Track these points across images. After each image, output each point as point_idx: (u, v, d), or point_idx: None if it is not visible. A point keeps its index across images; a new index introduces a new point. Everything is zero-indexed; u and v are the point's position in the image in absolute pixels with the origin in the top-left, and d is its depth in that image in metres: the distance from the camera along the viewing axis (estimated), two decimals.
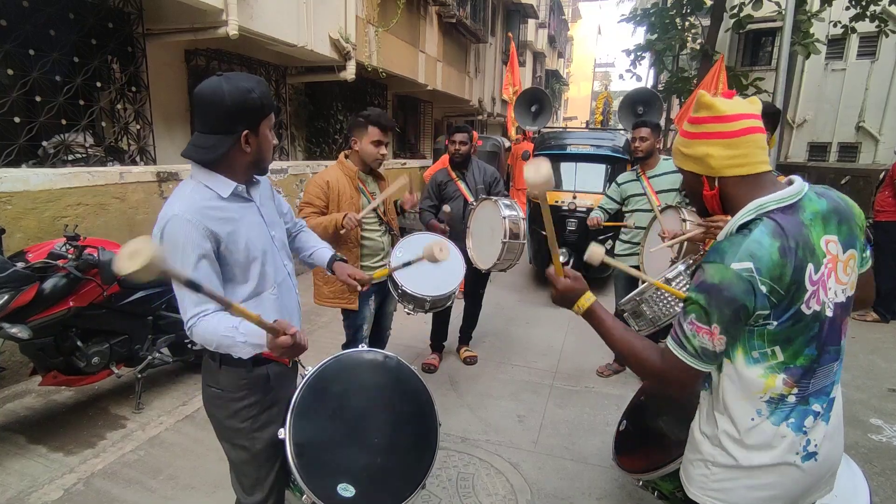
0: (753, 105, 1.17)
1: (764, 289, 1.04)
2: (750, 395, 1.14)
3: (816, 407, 1.16)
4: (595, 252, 1.55)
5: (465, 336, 4.17)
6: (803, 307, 1.08)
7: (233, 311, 1.20)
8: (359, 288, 1.96)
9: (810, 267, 1.08)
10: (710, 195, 1.21)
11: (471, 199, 3.65)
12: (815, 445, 1.17)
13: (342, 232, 2.56)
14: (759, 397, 1.14)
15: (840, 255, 1.14)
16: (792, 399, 1.14)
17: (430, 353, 4.07)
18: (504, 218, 3.12)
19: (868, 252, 1.26)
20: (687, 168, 1.23)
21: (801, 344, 1.11)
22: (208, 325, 1.36)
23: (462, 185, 3.71)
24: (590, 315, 1.28)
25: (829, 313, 1.12)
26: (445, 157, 3.92)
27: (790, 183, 1.16)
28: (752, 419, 1.15)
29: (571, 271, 1.32)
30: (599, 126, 16.57)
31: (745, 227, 1.11)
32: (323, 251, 1.92)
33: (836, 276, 1.13)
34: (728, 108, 1.14)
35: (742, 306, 1.05)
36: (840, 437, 1.24)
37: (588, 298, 1.28)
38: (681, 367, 1.12)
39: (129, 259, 0.95)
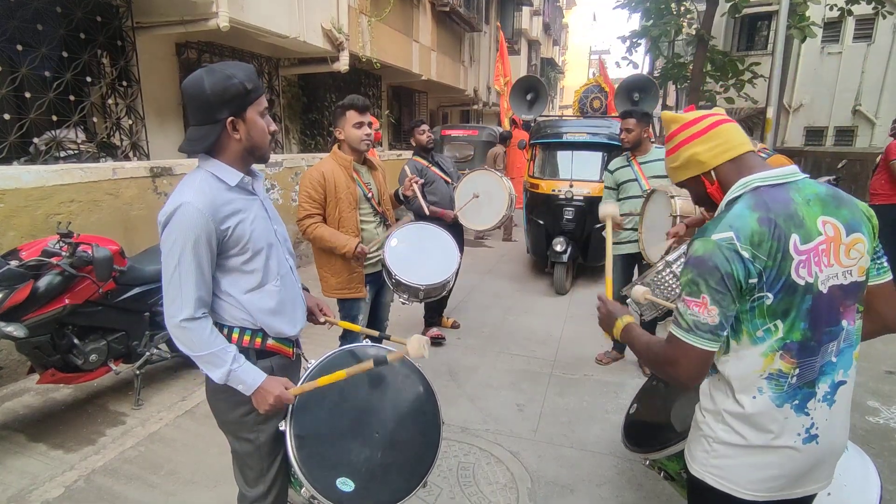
0: (711, 112, 1.33)
1: (746, 254, 1.10)
2: (750, 374, 1.17)
3: (820, 389, 1.18)
4: (637, 291, 1.89)
5: (439, 312, 4.41)
6: (794, 275, 1.12)
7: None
8: (321, 320, 1.91)
9: (795, 237, 1.12)
10: (713, 190, 1.29)
11: (449, 180, 4.13)
12: (817, 428, 1.18)
13: (348, 257, 2.72)
14: (758, 375, 1.17)
15: (842, 236, 1.16)
16: (794, 380, 1.16)
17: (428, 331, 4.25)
18: (508, 187, 3.79)
19: (884, 261, 1.25)
20: (685, 177, 1.33)
21: (796, 317, 1.14)
22: (203, 332, 1.39)
23: (437, 170, 4.11)
24: (625, 333, 1.41)
25: (822, 289, 1.14)
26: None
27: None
28: (754, 397, 1.17)
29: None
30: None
31: (732, 203, 1.19)
32: None
33: (835, 256, 1.15)
34: (690, 115, 1.32)
35: (727, 274, 1.10)
36: (845, 422, 1.25)
37: (625, 321, 1.42)
38: (680, 346, 1.16)
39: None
